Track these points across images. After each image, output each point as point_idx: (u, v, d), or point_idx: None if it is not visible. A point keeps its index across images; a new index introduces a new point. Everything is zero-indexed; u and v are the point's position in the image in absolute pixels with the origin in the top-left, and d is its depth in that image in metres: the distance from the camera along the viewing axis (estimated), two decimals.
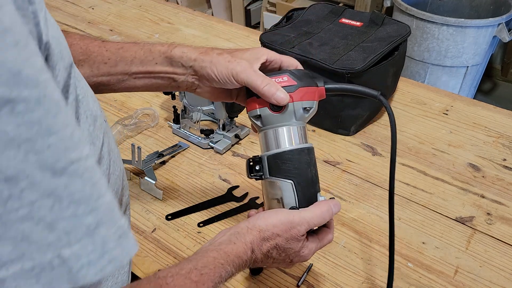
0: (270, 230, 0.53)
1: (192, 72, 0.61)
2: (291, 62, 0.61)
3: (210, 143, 0.98)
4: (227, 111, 0.92)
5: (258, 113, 0.57)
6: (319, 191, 0.60)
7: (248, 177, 0.59)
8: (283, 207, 0.58)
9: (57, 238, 0.27)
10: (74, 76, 0.40)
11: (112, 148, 0.50)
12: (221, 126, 0.99)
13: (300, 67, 0.62)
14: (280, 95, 0.55)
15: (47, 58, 0.34)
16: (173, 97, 1.02)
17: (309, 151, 0.59)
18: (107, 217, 0.29)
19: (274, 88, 0.55)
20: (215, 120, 1.05)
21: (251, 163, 0.59)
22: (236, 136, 0.99)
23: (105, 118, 0.51)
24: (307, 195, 0.57)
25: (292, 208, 0.57)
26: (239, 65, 0.57)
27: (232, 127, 1.00)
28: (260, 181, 0.60)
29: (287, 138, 0.58)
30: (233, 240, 0.52)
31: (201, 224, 0.81)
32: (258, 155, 0.59)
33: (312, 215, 0.55)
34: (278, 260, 0.56)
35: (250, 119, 0.59)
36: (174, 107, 1.02)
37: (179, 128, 1.02)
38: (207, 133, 0.98)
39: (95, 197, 0.29)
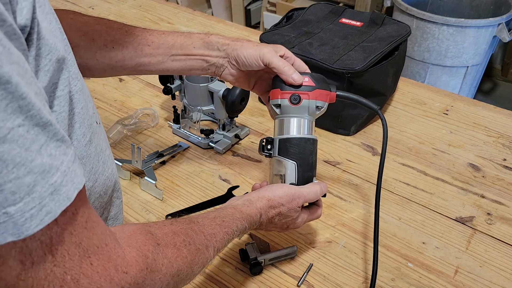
0: (276, 200, 0.64)
1: (225, 55, 0.71)
2: (302, 65, 0.72)
3: (210, 143, 0.98)
4: (227, 111, 0.92)
5: (279, 103, 0.68)
6: (315, 176, 0.71)
7: (259, 153, 0.71)
8: (284, 183, 0.68)
9: (4, 198, 0.31)
10: (69, 71, 0.44)
11: (103, 150, 0.56)
12: (221, 126, 0.99)
13: (308, 71, 0.72)
14: (296, 76, 0.66)
15: (36, 47, 0.38)
16: (173, 97, 1.02)
17: (313, 142, 0.69)
18: (41, 177, 0.33)
19: (292, 70, 0.67)
20: (215, 120, 1.05)
21: (264, 143, 0.70)
22: (236, 136, 0.99)
23: (98, 121, 0.56)
24: (305, 177, 0.68)
25: (291, 184, 0.68)
26: (266, 48, 0.68)
27: (232, 127, 1.00)
28: (268, 158, 0.71)
29: (298, 127, 0.68)
30: (246, 204, 0.63)
31: None
32: (271, 137, 0.70)
33: (308, 191, 0.67)
34: (277, 225, 0.67)
35: (271, 106, 0.69)
36: (174, 107, 1.02)
37: (179, 128, 1.02)
38: (207, 133, 0.98)
39: (30, 160, 0.33)
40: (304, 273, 0.72)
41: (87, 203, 0.40)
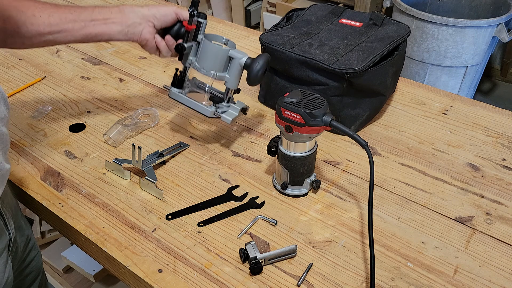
0: None
1: (141, 16, 0.92)
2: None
3: (217, 112, 0.93)
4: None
5: (278, 126, 0.81)
6: (310, 176, 0.86)
7: (267, 152, 0.87)
8: (280, 179, 0.86)
9: None
10: None
11: None
12: (227, 97, 0.94)
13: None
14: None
15: None
16: (181, 58, 0.93)
17: (306, 158, 0.82)
18: None
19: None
20: (217, 95, 0.97)
21: (271, 147, 0.85)
22: (243, 110, 0.95)
23: None
24: (296, 180, 0.85)
25: (283, 183, 0.85)
26: (174, 6, 0.97)
27: (235, 103, 0.96)
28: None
29: (291, 147, 0.82)
30: None
31: (201, 224, 0.81)
32: (276, 143, 0.85)
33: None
34: None
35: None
36: (177, 69, 0.96)
37: (180, 93, 0.95)
38: (216, 100, 0.93)
39: None
40: (304, 273, 0.73)
41: None
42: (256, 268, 0.72)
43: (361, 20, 1.10)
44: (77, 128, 1.04)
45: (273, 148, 0.85)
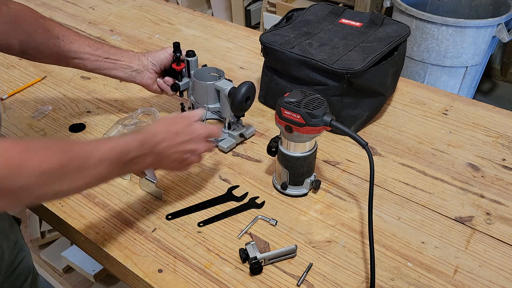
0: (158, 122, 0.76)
1: (144, 63, 1.01)
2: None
3: (215, 141, 0.97)
4: (232, 110, 0.92)
5: (278, 126, 0.81)
6: (310, 176, 0.86)
7: (267, 152, 0.87)
8: (280, 179, 0.86)
9: None
10: None
11: None
12: (226, 124, 0.98)
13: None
14: None
15: None
16: (181, 94, 1.02)
17: (306, 158, 0.82)
18: None
19: None
20: (222, 119, 1.05)
21: (271, 147, 0.86)
22: (241, 135, 0.99)
23: None
24: (296, 180, 0.85)
25: (283, 183, 0.85)
26: (168, 48, 0.99)
27: (238, 126, 1.00)
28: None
29: (291, 147, 0.82)
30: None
31: (201, 224, 0.81)
32: (276, 142, 0.85)
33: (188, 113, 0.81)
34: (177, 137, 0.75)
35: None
36: (181, 104, 1.04)
37: None
38: None
39: None
40: (304, 273, 0.73)
41: None
42: (256, 268, 0.72)
43: (361, 20, 1.10)
44: (77, 128, 1.04)
45: (273, 148, 0.85)
